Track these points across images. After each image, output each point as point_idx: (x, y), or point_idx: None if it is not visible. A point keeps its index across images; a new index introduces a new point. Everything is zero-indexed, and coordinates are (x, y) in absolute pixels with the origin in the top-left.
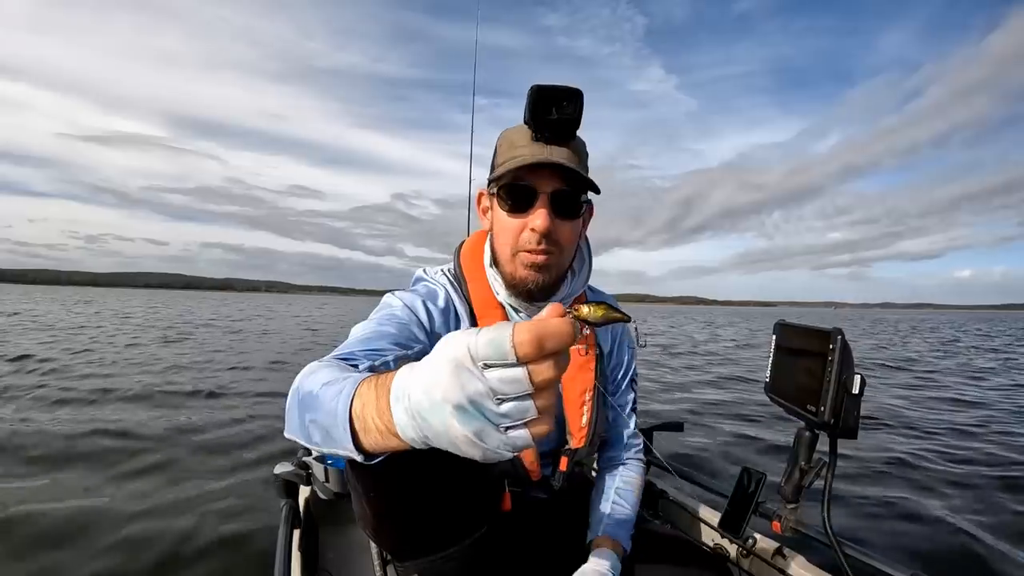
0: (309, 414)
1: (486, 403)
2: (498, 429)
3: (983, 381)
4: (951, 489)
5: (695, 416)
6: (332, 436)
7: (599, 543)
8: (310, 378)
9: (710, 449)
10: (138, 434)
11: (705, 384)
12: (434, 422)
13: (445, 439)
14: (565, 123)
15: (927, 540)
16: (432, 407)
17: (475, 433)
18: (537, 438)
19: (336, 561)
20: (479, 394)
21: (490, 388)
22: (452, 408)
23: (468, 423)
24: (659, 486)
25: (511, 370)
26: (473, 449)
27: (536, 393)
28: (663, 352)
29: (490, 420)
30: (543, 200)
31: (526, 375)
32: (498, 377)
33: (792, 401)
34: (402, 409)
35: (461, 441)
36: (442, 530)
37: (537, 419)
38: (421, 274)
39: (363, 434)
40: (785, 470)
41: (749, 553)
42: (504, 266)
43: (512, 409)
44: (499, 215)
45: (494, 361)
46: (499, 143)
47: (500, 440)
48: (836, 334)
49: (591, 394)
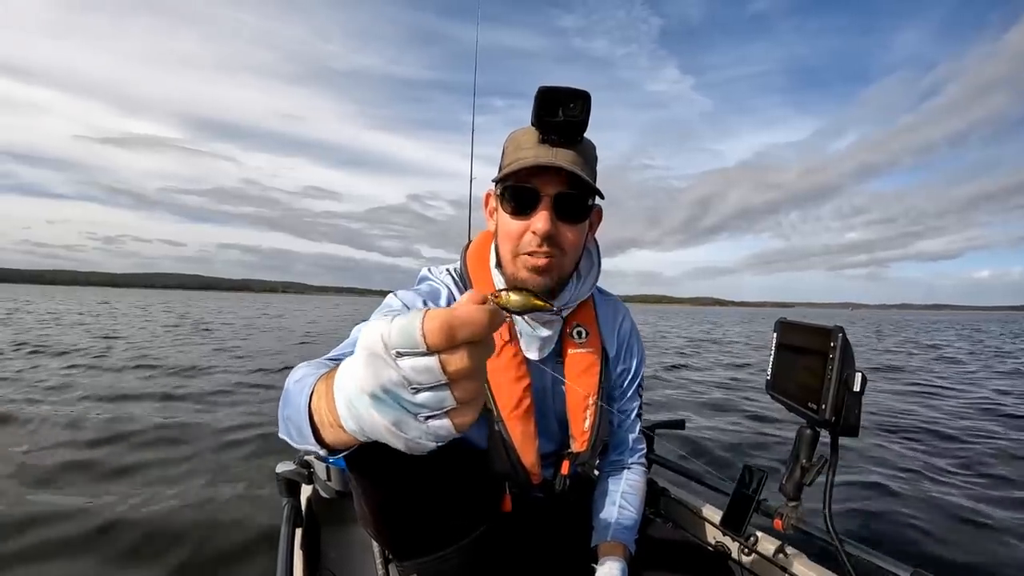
0: (285, 411)
1: (401, 392)
2: (416, 419)
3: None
4: (952, 488)
5: (696, 414)
6: (302, 432)
7: (608, 549)
8: (291, 377)
9: (711, 447)
10: (143, 430)
11: (705, 383)
12: (361, 412)
13: (372, 429)
14: (571, 125)
15: (928, 538)
16: (355, 396)
17: (394, 423)
18: (460, 429)
19: (338, 560)
20: (392, 383)
21: (404, 377)
22: (368, 397)
23: (385, 413)
24: (660, 484)
25: (422, 359)
26: (395, 440)
27: (453, 384)
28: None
29: (407, 410)
30: (546, 203)
31: (438, 364)
32: (410, 366)
33: (793, 399)
34: (342, 400)
35: (383, 431)
36: (440, 529)
37: (458, 409)
38: (426, 273)
39: (321, 428)
40: (786, 468)
41: (751, 551)
42: (506, 268)
43: (428, 399)
44: (502, 217)
45: (406, 350)
46: (506, 144)
47: (420, 430)
48: (837, 332)
49: (595, 398)
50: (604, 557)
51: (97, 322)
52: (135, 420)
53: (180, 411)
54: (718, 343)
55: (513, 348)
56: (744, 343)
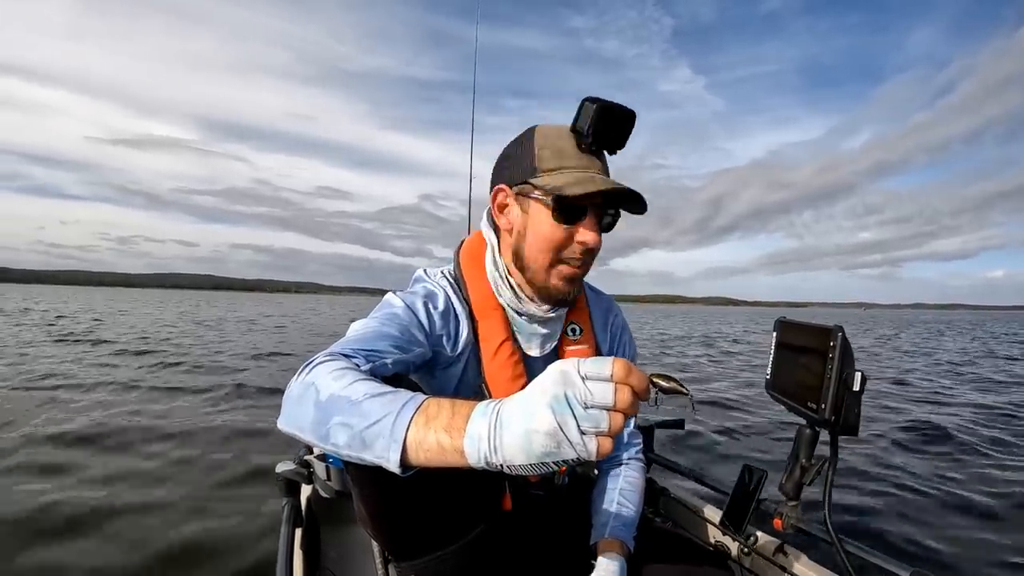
0: (339, 417)
1: (576, 402)
2: (578, 427)
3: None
4: (953, 487)
5: (696, 413)
6: (367, 444)
7: (606, 546)
8: (335, 380)
9: (711, 446)
10: (146, 428)
11: (708, 382)
12: (517, 424)
13: (517, 441)
14: (619, 141)
15: (928, 538)
16: (526, 405)
17: (560, 421)
18: (600, 454)
19: (338, 560)
20: (577, 390)
21: (586, 390)
22: (551, 398)
23: (560, 411)
24: (660, 483)
25: (603, 384)
26: (550, 439)
27: (612, 412)
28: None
29: (575, 416)
30: (596, 215)
31: (613, 389)
32: (592, 386)
33: (793, 398)
34: (483, 423)
35: (544, 428)
36: (439, 529)
37: (605, 434)
38: (421, 275)
39: (414, 447)
40: (786, 467)
41: (750, 550)
42: (535, 273)
43: (593, 414)
44: (539, 220)
45: (593, 375)
46: (538, 142)
47: (576, 436)
48: (837, 331)
49: None
50: (602, 554)
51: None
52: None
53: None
54: (739, 342)
55: (511, 346)
56: (744, 343)
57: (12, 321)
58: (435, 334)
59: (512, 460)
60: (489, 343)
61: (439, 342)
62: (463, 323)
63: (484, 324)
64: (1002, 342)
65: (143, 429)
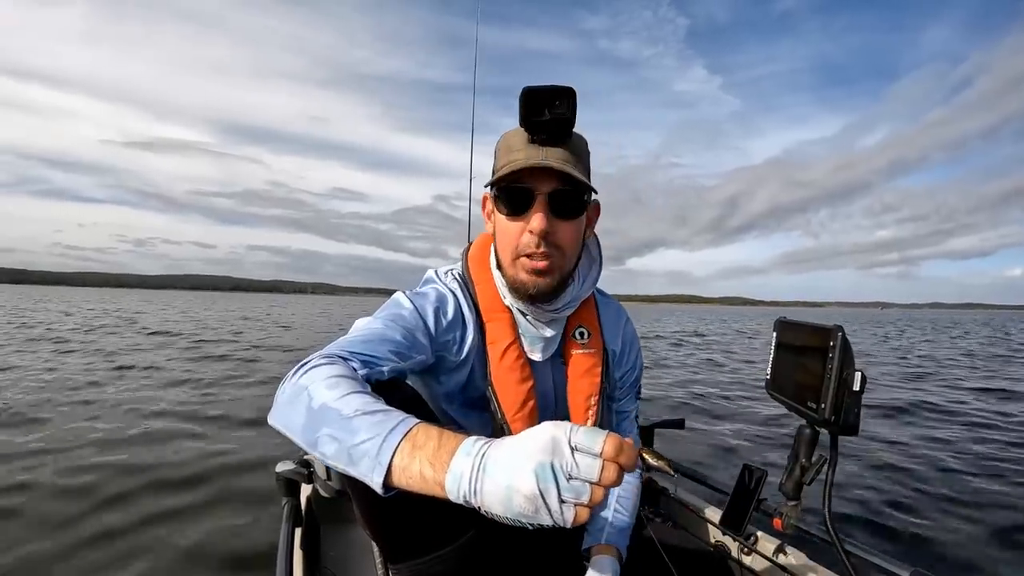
0: (328, 429)
1: (561, 472)
2: (559, 496)
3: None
4: (953, 487)
5: (696, 413)
6: (354, 461)
7: (600, 551)
8: (328, 388)
9: (711, 446)
10: (150, 425)
11: (707, 382)
12: (500, 476)
13: (498, 493)
14: (558, 123)
15: (928, 538)
16: (511, 461)
17: (543, 489)
18: (576, 522)
19: (338, 560)
20: (564, 461)
21: (572, 462)
22: (536, 464)
23: (543, 479)
24: (660, 484)
25: (591, 458)
26: (528, 503)
27: (594, 486)
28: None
29: (558, 485)
30: (540, 201)
31: (600, 467)
32: (580, 459)
33: (793, 398)
34: (467, 463)
35: (524, 491)
36: (432, 532)
37: (584, 506)
38: (432, 275)
39: (398, 471)
40: (786, 467)
41: (750, 550)
42: (506, 270)
43: (576, 486)
44: (499, 219)
45: (583, 447)
46: (498, 147)
47: (556, 504)
48: (836, 331)
49: (596, 398)
50: (595, 559)
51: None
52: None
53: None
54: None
55: (517, 350)
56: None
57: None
58: (441, 340)
59: (490, 508)
60: (496, 346)
61: (445, 347)
62: (471, 327)
63: (492, 327)
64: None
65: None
